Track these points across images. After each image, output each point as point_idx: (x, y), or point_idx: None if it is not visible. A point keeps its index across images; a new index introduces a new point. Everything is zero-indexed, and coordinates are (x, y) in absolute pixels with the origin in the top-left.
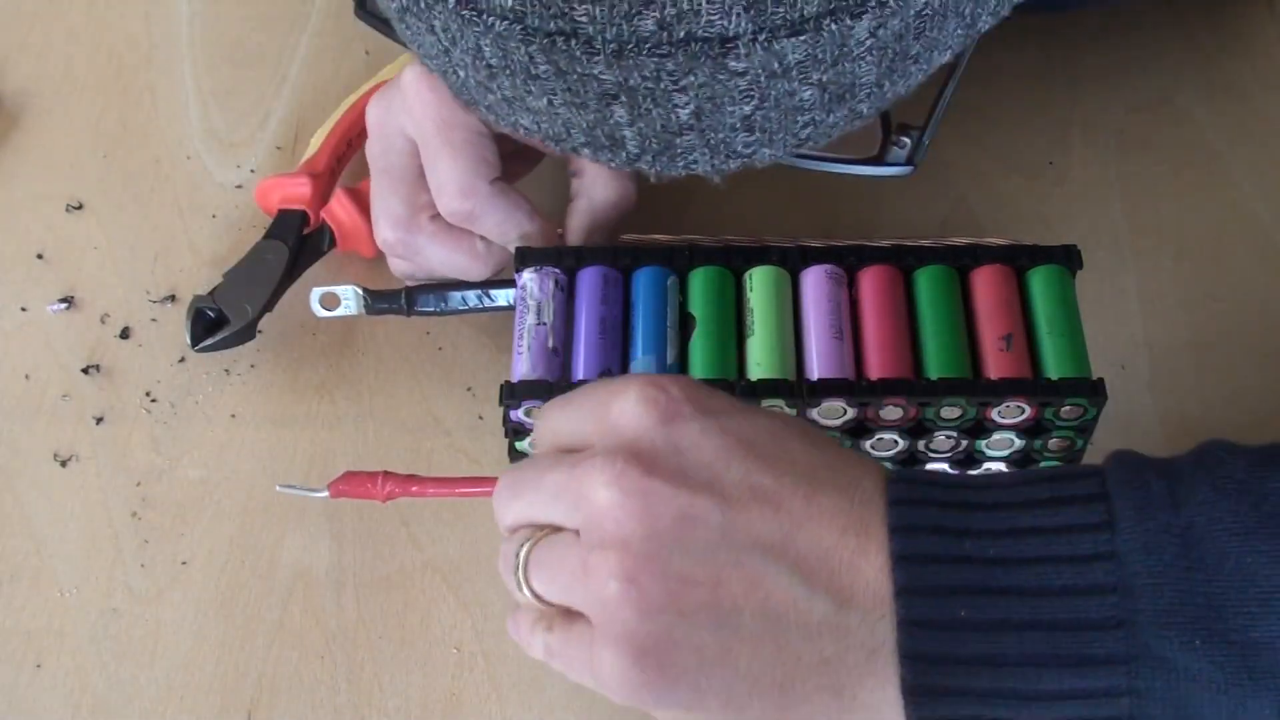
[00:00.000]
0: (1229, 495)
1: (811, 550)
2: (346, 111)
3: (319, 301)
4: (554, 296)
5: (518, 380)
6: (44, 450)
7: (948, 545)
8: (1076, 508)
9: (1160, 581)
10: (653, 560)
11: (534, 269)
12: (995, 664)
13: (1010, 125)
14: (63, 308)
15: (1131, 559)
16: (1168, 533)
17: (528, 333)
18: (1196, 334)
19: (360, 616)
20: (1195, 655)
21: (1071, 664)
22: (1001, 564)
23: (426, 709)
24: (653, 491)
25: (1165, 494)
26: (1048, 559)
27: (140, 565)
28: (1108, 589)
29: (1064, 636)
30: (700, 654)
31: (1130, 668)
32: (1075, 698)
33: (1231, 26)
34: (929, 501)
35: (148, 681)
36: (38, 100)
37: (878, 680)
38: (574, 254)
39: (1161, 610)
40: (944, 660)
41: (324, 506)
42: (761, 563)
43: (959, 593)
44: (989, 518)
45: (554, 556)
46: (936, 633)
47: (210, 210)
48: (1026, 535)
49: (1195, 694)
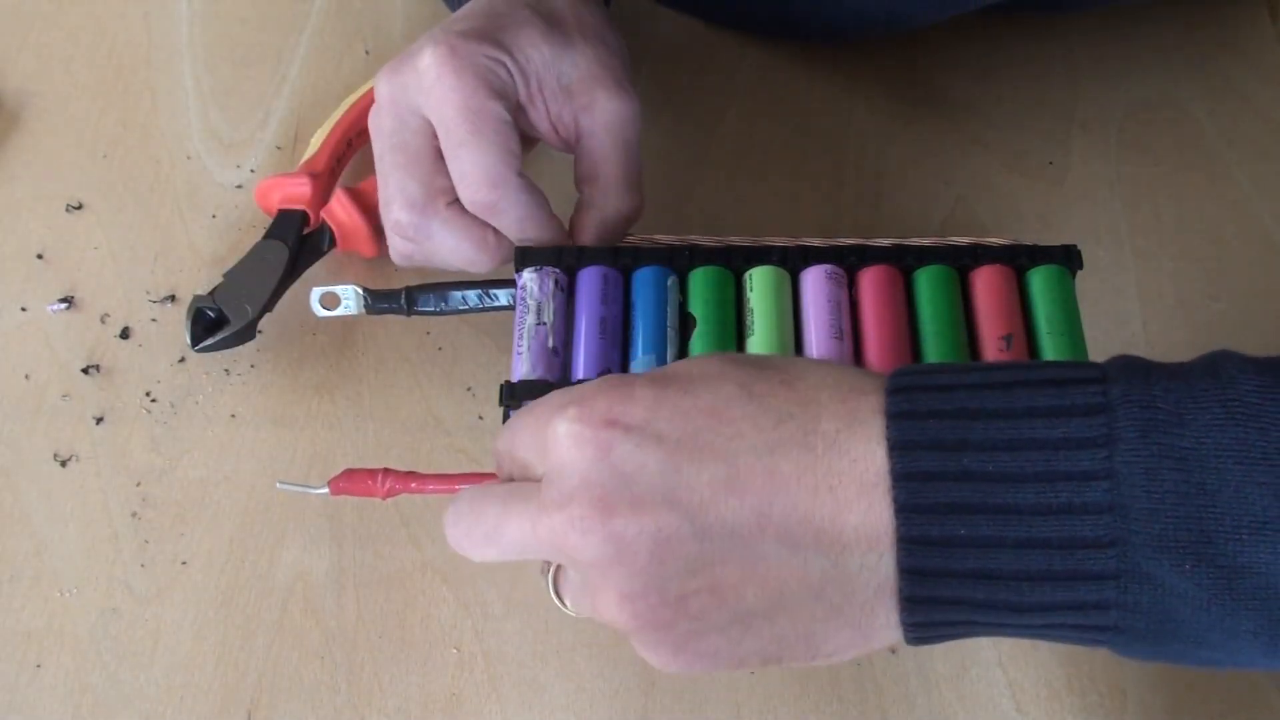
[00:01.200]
0: (1238, 420)
1: (789, 520)
2: (346, 111)
3: (319, 301)
4: (554, 296)
5: (517, 380)
6: (44, 450)
7: (947, 461)
8: (1077, 420)
9: (1157, 507)
10: (646, 595)
11: (534, 269)
12: (990, 577)
13: (1010, 125)
14: (63, 308)
15: (1130, 480)
16: (1170, 457)
17: (528, 333)
18: (1196, 334)
19: (360, 616)
20: (1183, 577)
21: (1064, 578)
22: (1000, 480)
23: (426, 709)
24: (618, 533)
25: (1172, 412)
26: (1046, 476)
27: (140, 565)
28: (1104, 508)
29: (1058, 554)
30: (727, 638)
31: (1120, 583)
32: (1066, 608)
33: (1231, 26)
34: (929, 413)
35: (148, 681)
36: (38, 100)
37: (886, 609)
38: (574, 254)
39: (1154, 534)
40: (940, 574)
41: (324, 507)
42: (746, 551)
43: (957, 510)
44: (988, 428)
45: (576, 586)
46: (934, 549)
47: (210, 210)
48: (1026, 449)
49: (1179, 609)
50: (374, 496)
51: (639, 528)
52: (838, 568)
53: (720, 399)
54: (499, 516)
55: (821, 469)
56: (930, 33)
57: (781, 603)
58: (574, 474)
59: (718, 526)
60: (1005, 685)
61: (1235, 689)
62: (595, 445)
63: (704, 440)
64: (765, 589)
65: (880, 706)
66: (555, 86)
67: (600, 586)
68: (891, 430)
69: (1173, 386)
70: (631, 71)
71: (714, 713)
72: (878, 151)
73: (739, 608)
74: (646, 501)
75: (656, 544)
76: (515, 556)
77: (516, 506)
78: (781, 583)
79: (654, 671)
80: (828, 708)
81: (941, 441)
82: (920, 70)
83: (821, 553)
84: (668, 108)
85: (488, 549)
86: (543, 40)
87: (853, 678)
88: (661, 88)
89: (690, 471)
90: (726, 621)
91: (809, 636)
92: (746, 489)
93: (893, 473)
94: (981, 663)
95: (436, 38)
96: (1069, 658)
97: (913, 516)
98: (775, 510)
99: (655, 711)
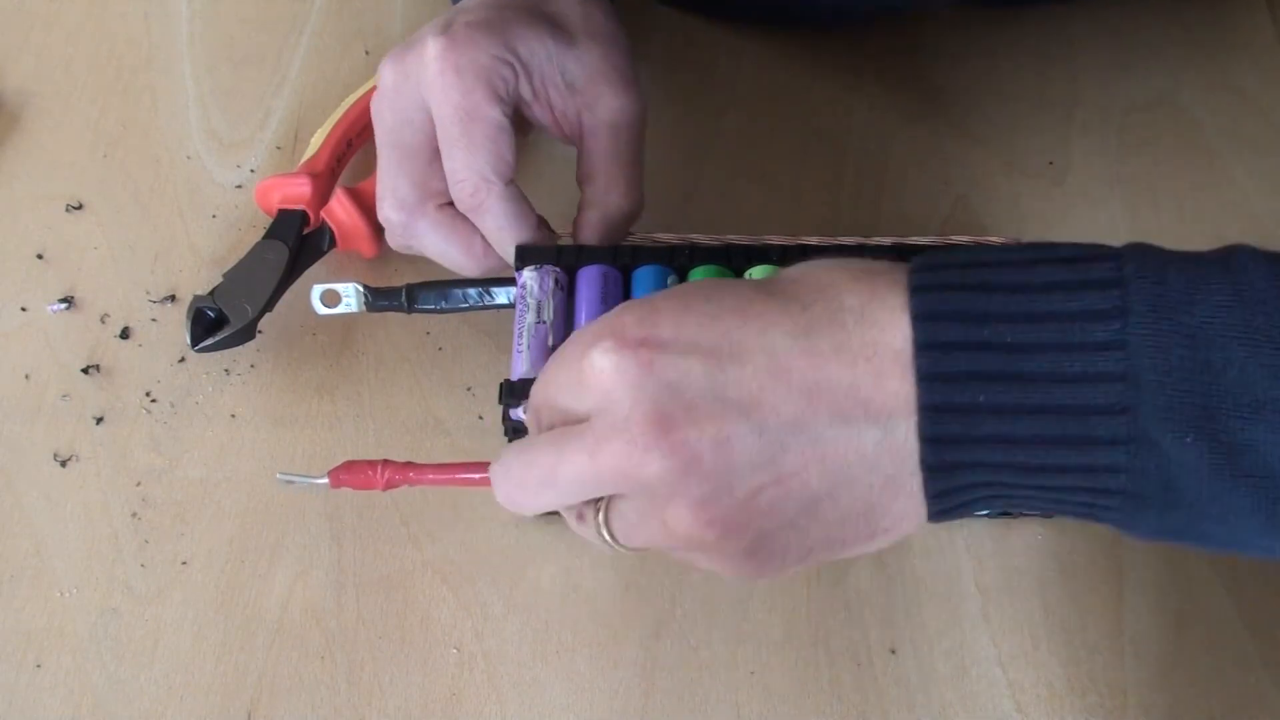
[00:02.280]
0: (1246, 303)
1: (836, 395)
2: (346, 111)
3: (319, 299)
4: (554, 295)
5: (517, 379)
6: (44, 450)
7: (968, 332)
8: (1092, 294)
9: (1164, 380)
10: (718, 498)
11: (534, 267)
12: (1008, 441)
13: (1010, 125)
14: (63, 308)
15: (1140, 352)
16: (1178, 333)
17: (527, 331)
18: None
19: (360, 616)
20: (1186, 448)
21: (1077, 443)
22: (1019, 350)
23: (426, 709)
24: (681, 444)
25: (1183, 291)
26: (1062, 346)
27: (140, 565)
28: (1115, 377)
29: (1072, 420)
30: (796, 530)
31: (1130, 448)
32: (1078, 471)
33: (1231, 26)
34: (950, 286)
35: (148, 681)
36: (38, 100)
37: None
38: (574, 252)
39: (1162, 405)
40: (961, 440)
41: (324, 507)
42: (803, 435)
43: (978, 379)
44: (1008, 301)
45: (633, 519)
46: (956, 416)
47: (210, 210)
48: (1043, 320)
49: (1182, 478)
50: (373, 488)
51: (699, 434)
52: (889, 436)
53: (742, 299)
54: (553, 459)
55: (855, 342)
56: (930, 32)
57: (843, 479)
58: (623, 398)
59: (772, 417)
60: (1005, 685)
61: (1235, 689)
62: (637, 366)
63: (738, 338)
64: (826, 469)
65: (880, 706)
66: (560, 82)
67: (669, 503)
68: (914, 302)
69: (1185, 268)
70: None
71: (714, 713)
72: (878, 151)
73: (804, 494)
74: (700, 408)
75: (719, 446)
76: (573, 498)
77: (571, 445)
78: (840, 459)
79: (654, 671)
80: (828, 708)
81: (963, 313)
82: (920, 70)
83: (872, 422)
84: (668, 107)
85: (543, 495)
86: (549, 37)
87: (853, 678)
88: (661, 87)
89: (734, 370)
90: (795, 511)
91: (868, 512)
92: (791, 374)
93: (915, 342)
94: (981, 662)
95: (441, 27)
96: (1069, 658)
97: (934, 385)
98: (822, 388)
99: (655, 711)
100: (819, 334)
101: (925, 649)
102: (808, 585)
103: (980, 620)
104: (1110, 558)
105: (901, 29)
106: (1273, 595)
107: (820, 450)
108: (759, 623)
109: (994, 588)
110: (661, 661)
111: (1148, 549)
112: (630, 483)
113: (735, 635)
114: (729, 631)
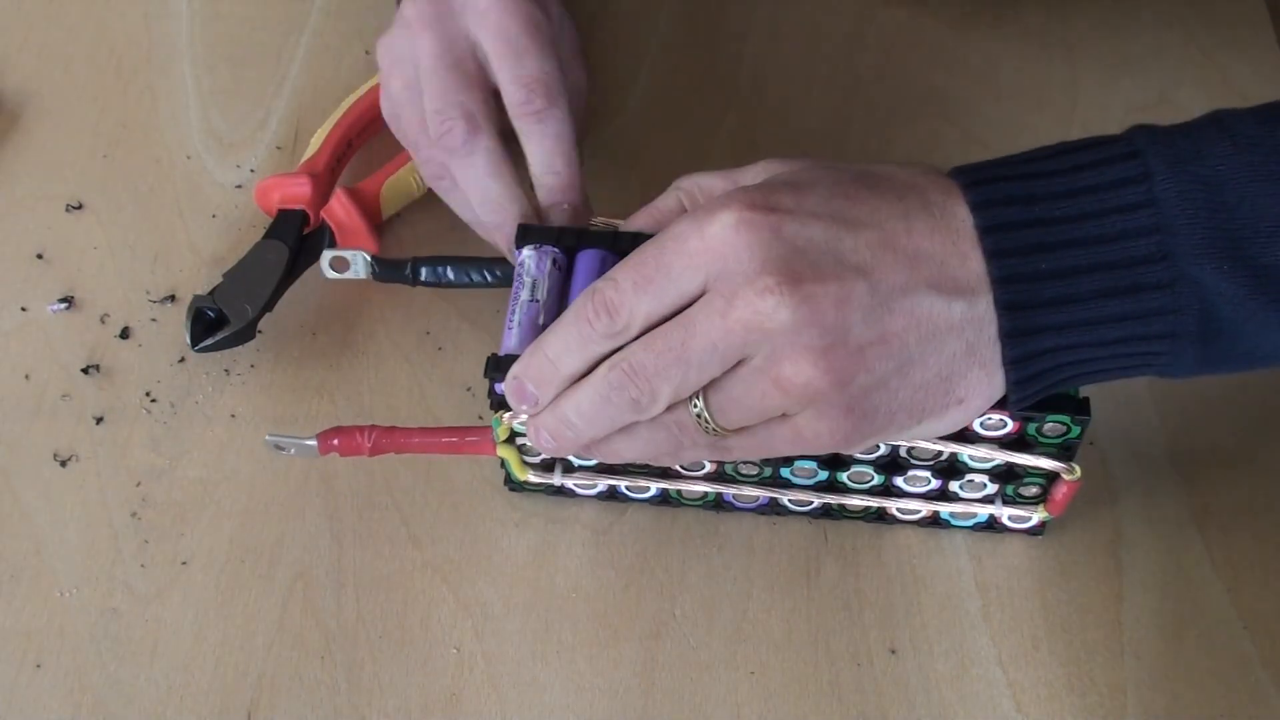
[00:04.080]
0: (1244, 148)
1: (933, 269)
2: (346, 111)
3: (329, 264)
4: (550, 275)
5: (504, 354)
6: (44, 450)
7: (1021, 213)
8: (1117, 166)
9: (1193, 222)
10: (835, 347)
11: (534, 247)
12: (1070, 301)
13: (1010, 125)
14: (63, 308)
15: (1168, 204)
16: (1196, 181)
17: (520, 308)
18: None
19: (360, 616)
20: (1222, 277)
21: (1128, 291)
22: (1066, 221)
23: (426, 709)
24: (810, 296)
25: (1190, 150)
26: (1101, 212)
27: (140, 565)
28: (1151, 229)
29: (1121, 272)
30: (887, 390)
31: (1173, 290)
32: (1132, 318)
33: (1231, 26)
34: (997, 179)
35: (148, 681)
36: (38, 100)
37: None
38: (574, 235)
39: (1195, 244)
40: (1030, 305)
41: (324, 506)
42: (907, 300)
43: (1037, 250)
44: (1049, 184)
45: (737, 393)
46: (1024, 285)
47: (210, 210)
48: (1082, 194)
49: (1220, 307)
50: (360, 453)
51: (824, 289)
52: (973, 309)
53: (847, 186)
54: (683, 334)
55: (943, 228)
56: (931, 32)
57: (933, 345)
58: (754, 255)
59: (884, 283)
60: (1005, 685)
61: (1235, 689)
62: (767, 226)
63: (851, 214)
64: (921, 333)
65: (880, 706)
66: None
67: (789, 354)
68: (970, 195)
69: (1187, 133)
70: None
71: (714, 713)
72: (878, 151)
73: (901, 355)
74: (824, 266)
75: (840, 301)
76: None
77: (699, 315)
78: (933, 326)
79: (654, 671)
80: (828, 708)
81: (1013, 197)
82: (921, 70)
83: (961, 297)
84: (668, 107)
85: (671, 375)
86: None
87: (853, 678)
88: (661, 87)
89: (850, 238)
90: (890, 371)
91: (948, 379)
92: (898, 247)
93: (979, 227)
94: (981, 663)
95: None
96: (1069, 658)
97: (1003, 260)
98: (923, 260)
99: (655, 711)
100: (915, 218)
101: (925, 649)
102: (808, 585)
103: (980, 620)
104: (1110, 558)
105: (902, 28)
106: (1273, 595)
107: (918, 315)
108: (759, 623)
109: (994, 588)
110: (661, 661)
111: (1147, 549)
112: (758, 336)
113: (735, 635)
114: (729, 631)
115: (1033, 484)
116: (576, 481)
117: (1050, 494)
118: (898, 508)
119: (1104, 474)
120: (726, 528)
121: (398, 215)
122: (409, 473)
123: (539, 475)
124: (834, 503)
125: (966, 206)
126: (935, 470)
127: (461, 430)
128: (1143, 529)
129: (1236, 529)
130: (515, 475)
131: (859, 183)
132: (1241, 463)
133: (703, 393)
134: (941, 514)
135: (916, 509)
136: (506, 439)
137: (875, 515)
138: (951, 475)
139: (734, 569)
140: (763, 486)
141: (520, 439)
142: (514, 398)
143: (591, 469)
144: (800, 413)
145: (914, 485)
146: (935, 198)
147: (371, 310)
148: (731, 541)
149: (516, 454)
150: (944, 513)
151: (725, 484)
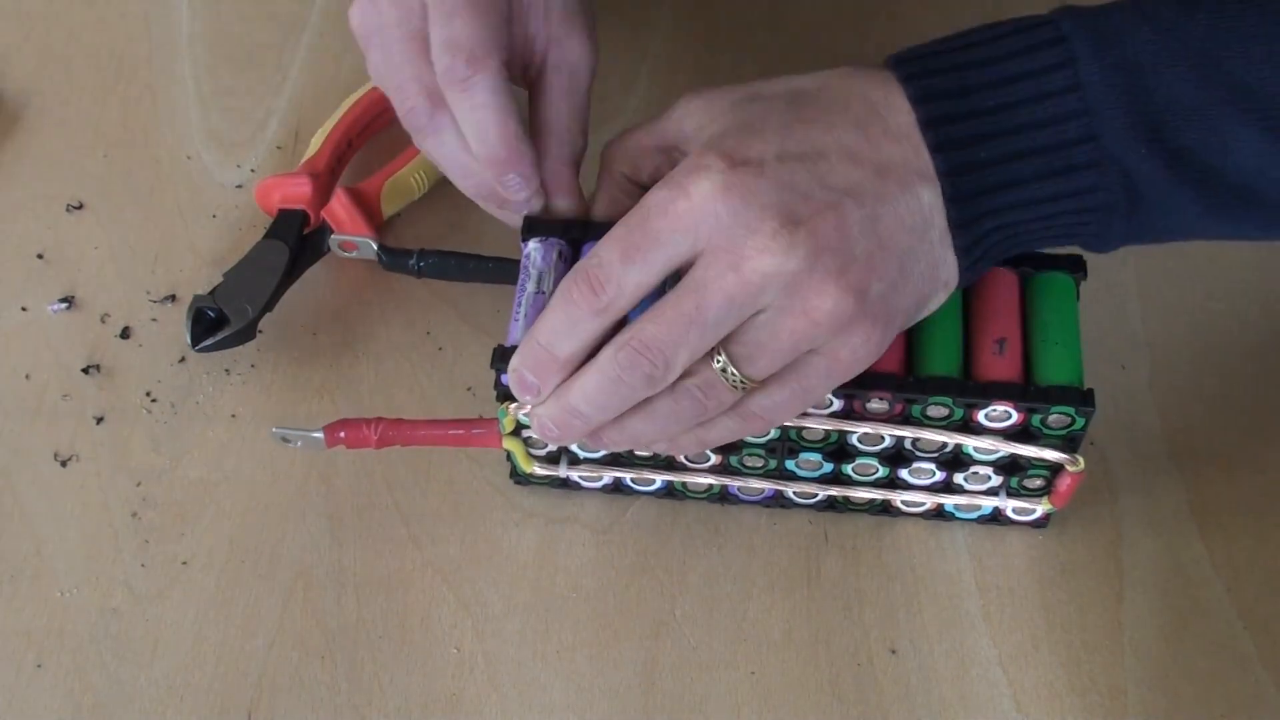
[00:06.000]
0: (1162, 35)
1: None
2: (346, 111)
3: (337, 245)
4: (556, 267)
5: (510, 345)
6: (44, 450)
7: (958, 105)
8: (1045, 52)
9: (1115, 106)
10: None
11: (539, 239)
12: (1010, 184)
13: None
14: (63, 308)
15: (1092, 88)
16: (1118, 68)
17: (526, 300)
18: (1196, 334)
19: (360, 616)
20: (1141, 158)
21: (1062, 171)
22: (1000, 110)
23: (426, 709)
24: (814, 230)
25: (1114, 36)
26: (1033, 98)
27: (140, 565)
28: (1079, 113)
29: (1054, 154)
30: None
31: (1100, 169)
32: (1065, 195)
33: None
34: (933, 71)
35: (148, 681)
36: (38, 100)
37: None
38: (579, 227)
39: (1118, 127)
40: (975, 193)
41: (324, 506)
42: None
43: (976, 140)
44: (981, 73)
45: (764, 338)
46: (966, 174)
47: (210, 210)
48: (1014, 81)
49: (1142, 185)
50: (367, 446)
51: (822, 219)
52: (937, 197)
53: (797, 112)
54: (697, 297)
55: (893, 128)
56: (931, 32)
57: (918, 237)
58: (749, 208)
59: (865, 194)
60: (1005, 685)
61: (1235, 689)
62: (751, 177)
63: (815, 141)
64: (906, 230)
65: (880, 706)
66: (542, 7)
67: (810, 286)
68: (909, 89)
69: (1109, 17)
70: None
71: (714, 713)
72: None
73: (899, 251)
74: (815, 198)
75: (840, 224)
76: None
77: (708, 275)
78: (913, 221)
79: (654, 671)
80: (828, 708)
81: (949, 90)
82: None
83: (925, 187)
84: (668, 107)
85: (689, 339)
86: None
87: (853, 678)
88: (661, 87)
89: (823, 164)
90: (896, 273)
91: (934, 265)
92: (864, 158)
93: (920, 122)
94: (981, 663)
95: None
96: (1069, 658)
97: (946, 154)
98: (889, 166)
99: (655, 711)
100: (868, 124)
101: (925, 649)
102: (808, 585)
103: (980, 620)
104: (1110, 558)
105: (902, 29)
106: (1273, 595)
107: (901, 213)
108: (759, 623)
109: (994, 588)
110: (661, 661)
111: (1147, 549)
112: (776, 282)
113: (735, 635)
114: (729, 631)
115: (1037, 476)
116: (582, 474)
117: (1054, 486)
118: (902, 500)
119: (1104, 474)
120: (727, 527)
121: (398, 215)
122: (409, 473)
123: (545, 467)
124: (839, 495)
125: (907, 100)
126: (940, 462)
127: (468, 422)
128: (1143, 529)
129: (1236, 529)
130: (521, 468)
131: (804, 106)
132: (1241, 463)
133: (723, 349)
134: (946, 506)
135: (921, 501)
136: (512, 430)
137: (880, 508)
138: (956, 467)
139: (734, 569)
140: (767, 479)
141: (526, 431)
142: (516, 389)
143: (597, 461)
144: (830, 340)
145: (918, 477)
146: (876, 96)
147: (372, 310)
148: (732, 541)
149: (522, 446)
150: (948, 505)
151: (730, 476)
